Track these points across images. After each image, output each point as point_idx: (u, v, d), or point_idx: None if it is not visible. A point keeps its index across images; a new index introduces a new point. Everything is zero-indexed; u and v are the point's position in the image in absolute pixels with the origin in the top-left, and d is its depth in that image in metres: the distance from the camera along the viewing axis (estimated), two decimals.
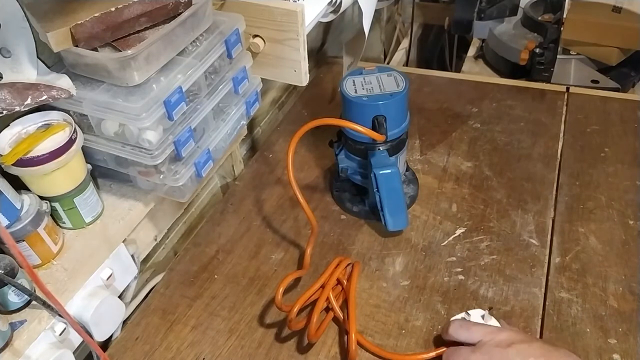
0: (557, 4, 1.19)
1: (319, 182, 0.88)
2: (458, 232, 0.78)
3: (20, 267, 0.54)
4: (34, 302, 0.57)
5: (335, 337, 0.66)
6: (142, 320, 0.70)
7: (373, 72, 0.75)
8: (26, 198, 0.59)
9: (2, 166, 0.56)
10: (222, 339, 0.67)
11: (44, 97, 0.54)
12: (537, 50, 1.09)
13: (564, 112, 0.99)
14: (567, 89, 1.04)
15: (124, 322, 0.71)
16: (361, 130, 0.69)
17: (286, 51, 0.71)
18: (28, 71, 0.55)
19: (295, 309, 0.61)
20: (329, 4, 0.77)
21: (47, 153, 0.57)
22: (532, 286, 0.70)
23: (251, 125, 1.05)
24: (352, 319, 0.63)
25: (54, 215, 0.63)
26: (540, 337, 0.64)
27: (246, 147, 1.05)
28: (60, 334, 0.59)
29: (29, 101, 0.53)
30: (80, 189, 0.63)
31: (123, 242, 0.68)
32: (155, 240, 0.80)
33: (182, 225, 0.89)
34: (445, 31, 1.52)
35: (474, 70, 1.27)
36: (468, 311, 0.64)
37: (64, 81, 0.56)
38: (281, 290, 0.62)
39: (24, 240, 0.58)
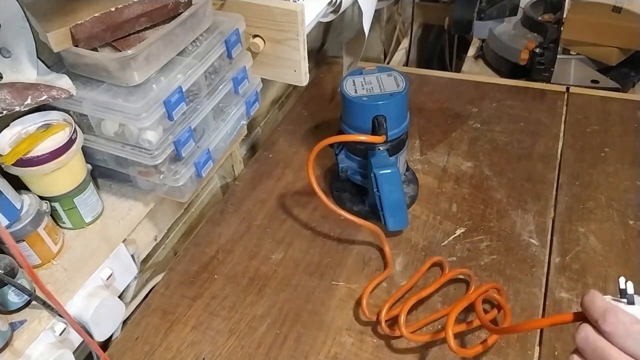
0: (557, 4, 1.19)
1: (319, 182, 0.88)
2: (458, 232, 0.78)
3: (20, 267, 0.54)
4: (34, 302, 0.57)
5: (336, 337, 0.66)
6: (142, 320, 0.70)
7: (373, 72, 0.75)
8: (26, 198, 0.59)
9: (2, 166, 0.56)
10: (222, 339, 0.67)
11: (44, 97, 0.54)
12: (537, 50, 1.09)
13: (564, 112, 0.99)
14: (567, 89, 1.04)
15: (124, 322, 0.71)
16: (365, 139, 0.69)
17: (286, 51, 0.71)
18: (28, 71, 0.55)
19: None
20: (329, 4, 0.77)
21: (47, 153, 0.57)
22: (532, 286, 0.70)
23: (251, 125, 1.05)
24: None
25: (54, 215, 0.63)
26: (540, 337, 0.64)
27: (246, 147, 1.05)
28: (60, 334, 0.59)
29: (29, 101, 0.53)
30: (80, 189, 0.63)
31: (123, 242, 0.68)
32: (155, 240, 0.80)
33: (182, 225, 0.89)
34: (445, 31, 1.52)
35: (474, 70, 1.27)
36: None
37: (64, 81, 0.56)
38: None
39: (24, 240, 0.58)
